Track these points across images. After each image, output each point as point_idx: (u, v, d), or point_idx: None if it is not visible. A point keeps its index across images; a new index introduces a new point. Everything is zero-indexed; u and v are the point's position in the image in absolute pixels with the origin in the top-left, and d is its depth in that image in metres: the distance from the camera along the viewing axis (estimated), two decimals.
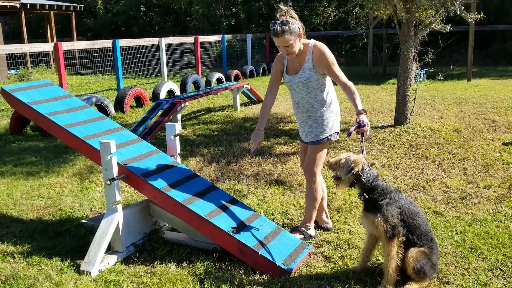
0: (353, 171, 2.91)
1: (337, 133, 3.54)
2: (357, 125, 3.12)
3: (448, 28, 6.96)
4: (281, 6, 3.29)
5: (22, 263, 3.26)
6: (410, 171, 5.12)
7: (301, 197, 4.44)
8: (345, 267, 3.15)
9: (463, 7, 6.82)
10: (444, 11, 6.69)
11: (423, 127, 6.92)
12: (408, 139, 6.38)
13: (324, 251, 3.39)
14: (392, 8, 6.98)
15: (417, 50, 7.02)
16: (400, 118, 7.06)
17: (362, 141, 3.21)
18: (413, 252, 2.87)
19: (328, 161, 3.08)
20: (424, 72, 11.13)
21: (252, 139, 3.43)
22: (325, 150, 3.54)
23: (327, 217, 3.80)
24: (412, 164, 5.38)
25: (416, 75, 7.47)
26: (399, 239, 2.86)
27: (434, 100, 9.39)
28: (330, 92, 3.53)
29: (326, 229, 3.76)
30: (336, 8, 7.94)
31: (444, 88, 10.89)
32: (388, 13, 7.49)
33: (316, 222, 3.79)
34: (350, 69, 16.61)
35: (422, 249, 2.88)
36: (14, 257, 3.34)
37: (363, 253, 3.11)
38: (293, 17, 3.23)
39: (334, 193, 4.49)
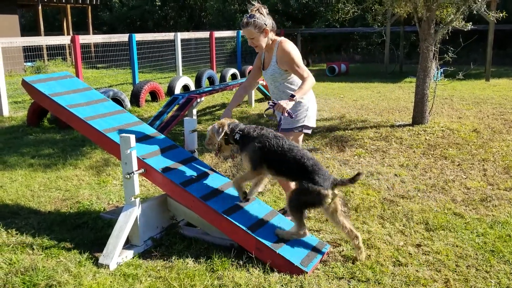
0: (221, 131, 3.30)
1: (307, 127, 3.65)
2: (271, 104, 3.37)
3: (469, 26, 6.84)
4: (255, 2, 3.53)
5: (41, 254, 3.28)
6: (429, 171, 5.05)
7: None
8: (364, 267, 3.11)
9: (484, 5, 6.70)
10: (466, 9, 6.57)
11: (442, 127, 6.82)
12: (426, 139, 6.30)
13: (343, 250, 3.35)
14: (412, 6, 6.88)
15: (437, 48, 6.91)
16: (419, 117, 6.97)
17: (281, 115, 3.38)
18: None
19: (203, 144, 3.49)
20: (442, 71, 10.97)
21: (222, 116, 3.74)
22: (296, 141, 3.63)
23: None
24: (431, 164, 5.30)
25: (434, 74, 7.36)
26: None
27: (452, 99, 9.26)
28: None
29: None
30: (355, 4, 7.85)
31: (462, 88, 10.73)
32: (407, 10, 7.39)
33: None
34: (366, 66, 16.48)
35: None
36: (33, 249, 3.36)
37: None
38: (262, 14, 3.47)
39: (352, 192, 4.44)
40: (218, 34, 13.85)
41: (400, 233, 3.63)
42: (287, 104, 3.28)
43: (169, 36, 12.11)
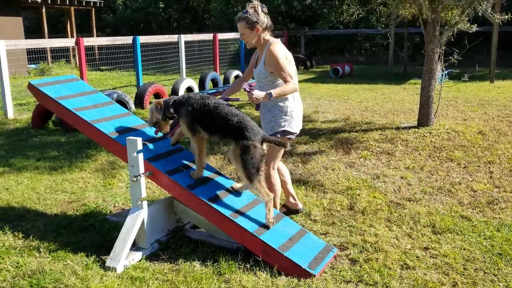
0: (159, 106, 3.42)
1: (289, 132, 3.60)
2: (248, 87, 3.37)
3: (474, 28, 6.83)
4: (254, 0, 3.55)
5: (48, 257, 3.28)
6: (435, 174, 5.03)
7: (324, 198, 4.39)
8: (372, 270, 3.10)
9: (490, 7, 6.68)
10: (471, 11, 6.55)
11: (447, 129, 6.80)
12: (432, 141, 6.28)
13: (350, 253, 3.34)
14: (417, 7, 6.86)
15: (442, 50, 6.89)
16: (424, 119, 6.95)
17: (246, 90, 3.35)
18: None
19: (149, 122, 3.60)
20: (446, 72, 10.95)
21: None
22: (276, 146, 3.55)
23: (295, 200, 3.97)
24: (437, 166, 5.28)
25: (438, 76, 7.35)
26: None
27: (457, 101, 9.24)
28: None
29: (297, 211, 3.94)
30: (360, 6, 7.85)
31: (466, 89, 10.71)
32: (412, 12, 7.38)
33: (287, 207, 3.97)
34: (370, 68, 16.46)
35: None
36: (40, 252, 3.36)
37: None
38: (256, 11, 3.49)
39: (359, 195, 4.43)
40: (221, 36, 13.86)
41: (407, 236, 3.61)
42: (259, 95, 3.30)
43: (172, 38, 12.13)
